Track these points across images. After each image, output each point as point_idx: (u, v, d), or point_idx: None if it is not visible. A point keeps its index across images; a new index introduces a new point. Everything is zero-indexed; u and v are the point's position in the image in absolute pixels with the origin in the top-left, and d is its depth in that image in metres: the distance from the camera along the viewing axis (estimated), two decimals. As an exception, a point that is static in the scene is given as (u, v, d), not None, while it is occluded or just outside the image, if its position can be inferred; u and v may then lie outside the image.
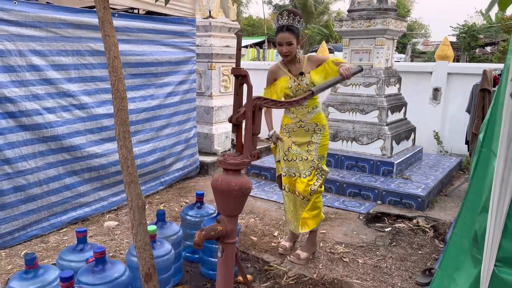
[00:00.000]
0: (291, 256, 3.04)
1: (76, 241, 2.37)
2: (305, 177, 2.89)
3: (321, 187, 2.98)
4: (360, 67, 2.71)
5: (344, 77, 2.61)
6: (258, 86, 3.00)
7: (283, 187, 3.00)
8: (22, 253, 3.06)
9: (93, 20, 3.53)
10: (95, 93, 3.68)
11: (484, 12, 18.34)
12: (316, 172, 2.92)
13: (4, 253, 3.06)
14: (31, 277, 1.96)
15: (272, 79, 3.00)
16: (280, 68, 2.98)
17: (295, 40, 2.81)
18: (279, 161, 3.03)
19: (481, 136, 1.83)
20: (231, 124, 1.90)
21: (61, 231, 3.47)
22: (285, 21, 2.78)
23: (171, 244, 2.46)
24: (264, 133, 2.77)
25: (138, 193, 1.77)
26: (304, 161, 2.91)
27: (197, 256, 2.91)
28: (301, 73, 2.91)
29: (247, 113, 1.81)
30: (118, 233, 3.46)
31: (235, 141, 1.89)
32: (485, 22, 21.45)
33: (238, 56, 1.85)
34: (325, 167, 2.99)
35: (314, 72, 2.90)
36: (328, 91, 5.57)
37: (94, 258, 2.04)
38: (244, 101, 1.85)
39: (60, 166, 3.46)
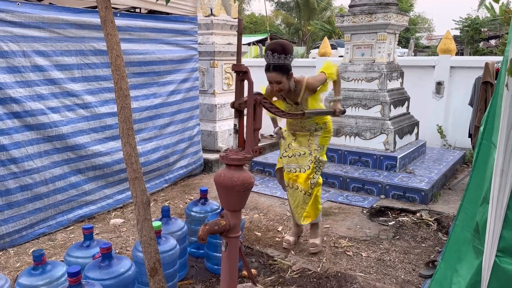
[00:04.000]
0: (310, 248, 3.08)
1: (83, 239, 2.41)
2: (304, 171, 2.95)
3: (319, 179, 3.04)
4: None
5: (335, 113, 2.87)
6: (261, 83, 3.02)
7: (286, 184, 3.06)
8: (30, 251, 3.11)
9: (96, 20, 3.56)
10: (98, 93, 3.71)
11: (486, 5, 18.19)
12: (314, 166, 2.96)
13: (12, 251, 3.11)
14: (39, 273, 2.00)
15: (269, 97, 2.95)
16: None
17: (284, 77, 2.72)
18: (281, 157, 3.12)
19: (482, 128, 1.84)
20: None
21: (68, 229, 3.52)
22: (270, 60, 2.68)
23: (176, 239, 2.49)
24: (268, 130, 2.81)
25: (142, 189, 1.80)
26: (303, 156, 2.98)
27: (202, 251, 2.94)
28: (296, 103, 2.92)
29: (248, 109, 1.83)
30: (124, 230, 3.50)
31: (237, 126, 1.91)
32: (489, 15, 21.30)
33: (239, 52, 1.87)
34: (323, 157, 3.04)
35: (312, 99, 2.92)
36: (330, 88, 5.57)
37: (100, 254, 2.07)
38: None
39: (65, 165, 3.50)
